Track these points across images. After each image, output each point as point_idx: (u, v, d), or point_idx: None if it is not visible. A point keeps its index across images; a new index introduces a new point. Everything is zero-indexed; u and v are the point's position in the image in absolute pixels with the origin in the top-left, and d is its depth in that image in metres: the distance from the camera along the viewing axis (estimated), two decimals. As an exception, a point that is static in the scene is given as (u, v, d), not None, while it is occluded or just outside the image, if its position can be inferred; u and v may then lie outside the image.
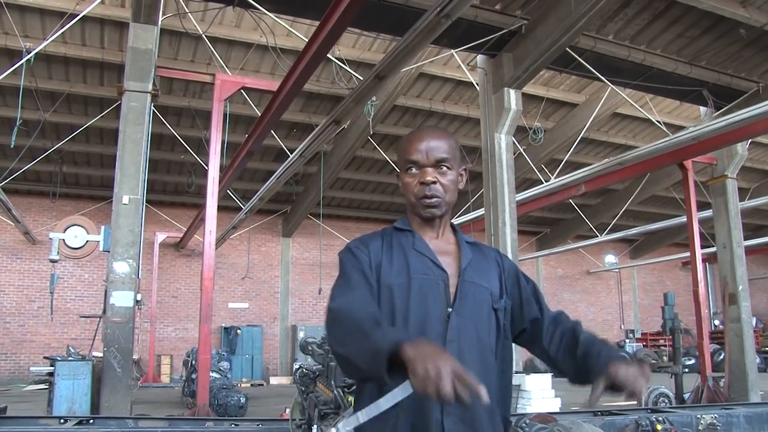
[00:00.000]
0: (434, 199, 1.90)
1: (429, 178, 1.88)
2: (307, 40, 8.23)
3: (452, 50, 10.39)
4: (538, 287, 2.06)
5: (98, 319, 9.01)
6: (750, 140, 12.52)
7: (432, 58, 11.95)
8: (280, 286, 21.29)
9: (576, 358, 1.86)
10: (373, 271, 1.87)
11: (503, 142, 9.86)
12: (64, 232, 9.64)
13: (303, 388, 4.30)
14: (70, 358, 8.55)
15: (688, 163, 12.59)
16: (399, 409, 1.65)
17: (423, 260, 1.88)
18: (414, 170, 1.91)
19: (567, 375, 1.93)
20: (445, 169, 1.90)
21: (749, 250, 14.81)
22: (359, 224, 22.28)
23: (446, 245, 1.97)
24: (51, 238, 9.60)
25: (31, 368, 13.38)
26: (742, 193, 16.00)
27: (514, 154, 10.34)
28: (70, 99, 13.46)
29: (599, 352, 1.79)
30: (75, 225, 9.84)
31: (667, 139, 10.77)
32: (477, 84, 10.96)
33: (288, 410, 5.47)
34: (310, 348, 4.46)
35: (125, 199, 8.27)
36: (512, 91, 9.87)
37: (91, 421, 5.56)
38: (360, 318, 1.64)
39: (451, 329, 1.79)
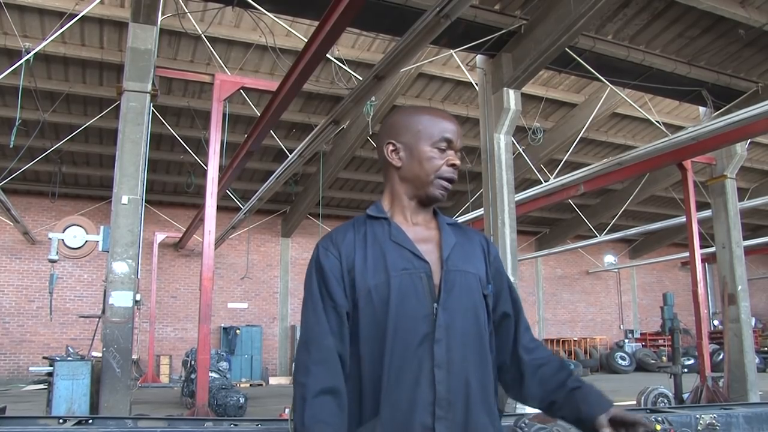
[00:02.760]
0: (452, 183, 1.83)
1: (458, 162, 1.83)
2: (306, 40, 8.23)
3: (451, 50, 10.39)
4: (512, 284, 1.94)
5: (97, 319, 9.00)
6: (749, 140, 12.52)
7: (431, 58, 11.96)
8: (279, 286, 21.29)
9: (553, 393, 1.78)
10: (344, 279, 1.73)
11: (502, 142, 9.85)
12: (63, 232, 9.63)
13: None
14: (69, 358, 8.54)
15: (688, 163, 12.59)
16: (382, 416, 1.62)
17: (401, 252, 1.73)
18: (443, 147, 1.81)
19: (527, 400, 1.84)
20: (460, 156, 1.87)
21: (748, 250, 14.82)
22: (359, 224, 22.26)
23: (426, 231, 1.82)
24: (50, 238, 9.59)
25: (30, 368, 13.38)
26: (742, 193, 16.00)
27: (514, 154, 10.33)
28: (69, 99, 13.45)
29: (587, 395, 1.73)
30: (74, 225, 9.83)
31: (667, 139, 10.77)
32: (476, 84, 10.95)
33: (287, 410, 5.46)
34: (309, 348, 4.45)
35: (124, 199, 8.26)
36: (511, 91, 9.86)
37: (90, 421, 5.53)
38: (294, 406, 1.65)
39: (438, 328, 1.66)
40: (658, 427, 5.41)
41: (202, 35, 10.38)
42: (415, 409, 1.61)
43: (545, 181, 13.73)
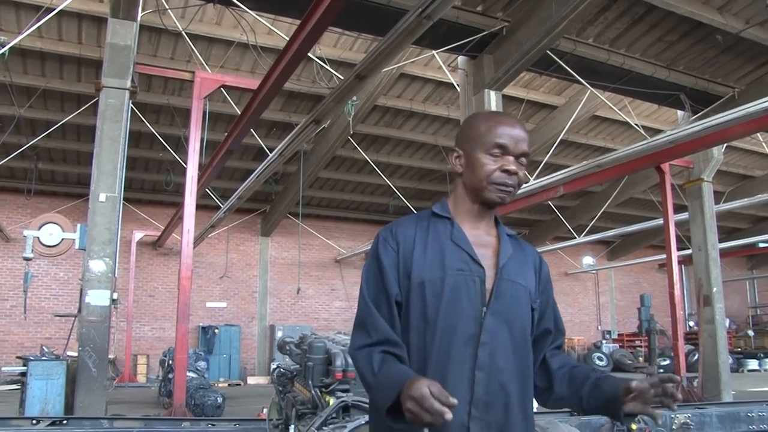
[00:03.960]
0: (509, 188, 1.83)
1: (514, 168, 1.81)
2: (288, 39, 8.20)
3: (433, 51, 10.41)
4: (556, 304, 1.98)
5: (73, 318, 8.89)
6: (726, 144, 12.68)
7: (413, 58, 11.96)
8: (258, 286, 21.18)
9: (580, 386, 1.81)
10: (399, 269, 1.80)
11: (483, 143, 9.88)
12: (38, 229, 9.49)
13: (280, 388, 4.28)
14: (43, 358, 8.44)
15: (666, 166, 12.73)
16: None
17: (460, 254, 1.80)
18: (497, 153, 1.82)
19: (561, 401, 1.88)
20: (524, 163, 1.85)
21: (723, 253, 15.04)
22: (338, 224, 22.27)
23: (486, 237, 1.88)
24: (25, 236, 9.45)
25: (3, 368, 13.15)
26: (718, 197, 16.18)
27: (494, 155, 10.35)
28: (46, 94, 13.27)
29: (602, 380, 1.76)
30: (50, 222, 9.69)
31: (645, 142, 10.87)
32: (458, 85, 10.98)
33: (265, 410, 5.44)
34: (287, 348, 4.43)
35: (102, 197, 8.18)
36: (493, 93, 9.91)
37: (65, 421, 5.47)
38: (363, 372, 1.72)
39: (485, 331, 1.73)
40: (634, 427, 5.47)
41: (183, 32, 10.30)
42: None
43: (525, 183, 13.79)
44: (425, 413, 1.46)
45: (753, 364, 22.44)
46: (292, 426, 3.58)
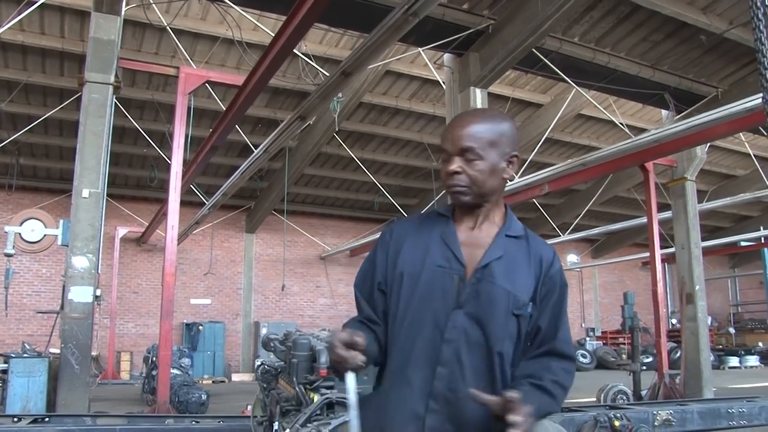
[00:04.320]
0: (457, 188, 1.81)
1: (450, 168, 1.82)
2: (273, 35, 8.16)
3: (419, 48, 10.40)
4: (563, 305, 1.88)
5: (56, 315, 8.82)
6: (709, 144, 12.80)
7: (399, 55, 11.95)
8: (243, 282, 21.12)
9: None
10: (388, 258, 1.89)
11: (469, 141, 9.88)
12: (20, 225, 9.37)
13: (265, 385, 4.27)
14: (25, 355, 8.35)
15: (650, 165, 12.82)
16: (380, 404, 1.78)
17: (444, 250, 1.82)
18: (446, 157, 1.85)
19: None
20: (472, 157, 1.80)
21: (706, 251, 15.17)
22: (324, 221, 22.25)
23: (483, 237, 1.86)
24: (6, 232, 9.34)
25: (-15, 365, 13.03)
26: (701, 195, 16.33)
27: (480, 153, 10.36)
28: (27, 89, 13.13)
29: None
30: (32, 218, 9.58)
31: (630, 141, 10.95)
32: (443, 82, 10.99)
33: (250, 407, 5.42)
34: (272, 344, 4.42)
35: (85, 193, 8.11)
36: (478, 91, 9.91)
37: (47, 419, 5.42)
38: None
39: (451, 329, 1.74)
40: (617, 423, 5.52)
41: (168, 27, 10.23)
42: (412, 395, 1.74)
43: (510, 181, 13.80)
44: (336, 361, 1.62)
45: (734, 361, 22.68)
46: (277, 423, 3.57)
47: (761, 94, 2.47)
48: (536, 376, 1.75)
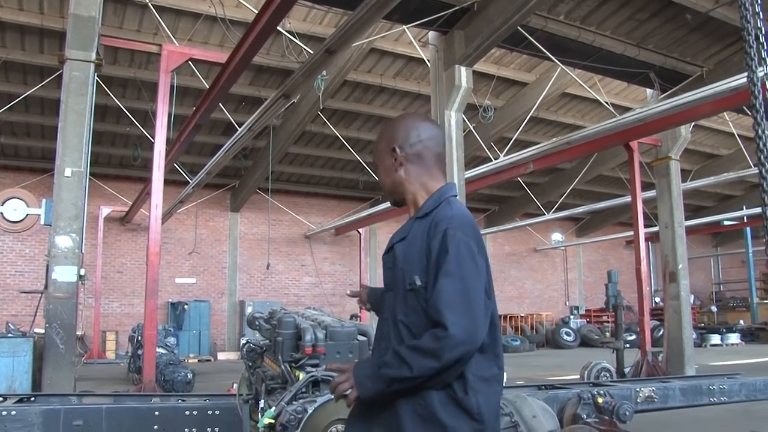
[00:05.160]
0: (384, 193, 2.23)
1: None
2: (257, 12, 8.09)
3: (404, 26, 10.31)
4: (443, 267, 1.87)
5: (40, 294, 8.77)
6: (693, 123, 12.86)
7: (383, 33, 11.86)
8: (228, 261, 21.08)
9: None
10: None
11: (453, 119, 9.87)
12: (2, 205, 9.29)
13: (250, 364, 4.27)
14: (9, 335, 8.33)
15: (634, 144, 12.89)
16: None
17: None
18: None
19: None
20: (376, 168, 2.20)
21: (689, 230, 15.30)
22: (308, 199, 22.21)
23: (414, 228, 2.09)
24: (-12, 211, 9.26)
25: (-31, 345, 12.97)
26: (685, 175, 16.45)
27: (464, 131, 10.37)
28: (7, 66, 12.93)
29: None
30: (14, 198, 9.49)
31: (614, 120, 10.98)
32: (428, 60, 10.94)
33: (235, 385, 5.43)
34: (257, 323, 4.41)
35: (68, 172, 8.03)
36: (463, 69, 9.86)
37: (33, 398, 5.41)
38: None
39: (387, 308, 2.08)
40: (600, 400, 5.59)
41: (149, 4, 10.11)
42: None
43: (495, 159, 13.86)
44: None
45: (715, 339, 22.98)
46: (262, 401, 3.58)
47: (746, 74, 2.49)
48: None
